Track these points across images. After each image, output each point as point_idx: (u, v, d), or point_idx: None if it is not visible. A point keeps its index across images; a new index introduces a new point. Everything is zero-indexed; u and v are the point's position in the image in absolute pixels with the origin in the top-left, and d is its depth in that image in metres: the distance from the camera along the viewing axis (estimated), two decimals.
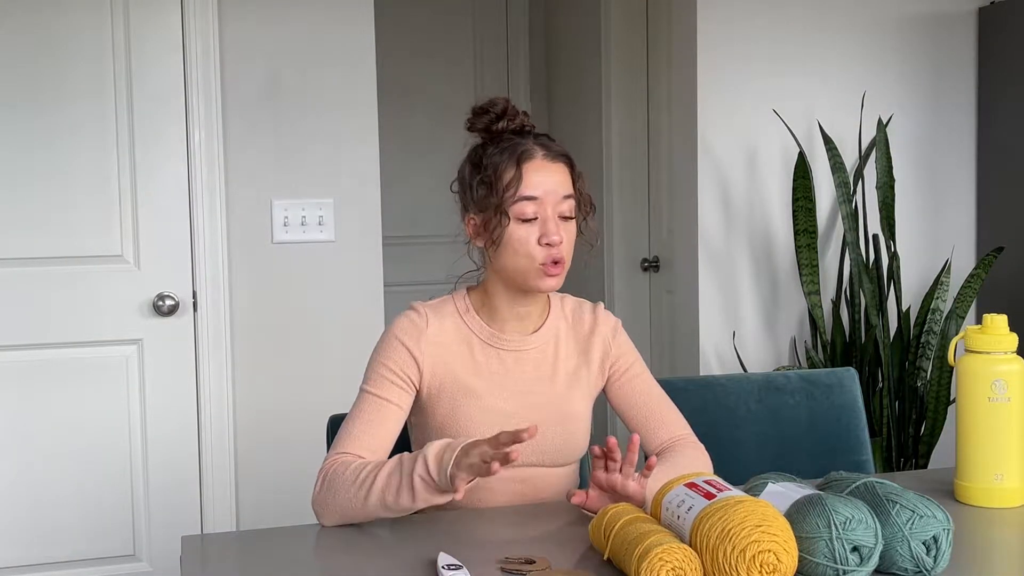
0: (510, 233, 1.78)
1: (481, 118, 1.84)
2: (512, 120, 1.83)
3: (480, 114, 1.84)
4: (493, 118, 1.83)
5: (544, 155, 1.80)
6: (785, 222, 3.56)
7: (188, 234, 3.17)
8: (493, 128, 1.83)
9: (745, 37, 3.53)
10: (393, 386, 1.80)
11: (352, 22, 3.28)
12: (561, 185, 1.80)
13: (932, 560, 1.43)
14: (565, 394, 1.87)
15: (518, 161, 1.78)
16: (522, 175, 1.77)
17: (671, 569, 1.35)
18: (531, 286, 1.80)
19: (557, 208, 1.79)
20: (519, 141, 1.81)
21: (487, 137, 1.84)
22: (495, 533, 1.69)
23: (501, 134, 1.82)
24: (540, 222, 1.78)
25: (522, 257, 1.78)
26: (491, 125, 1.83)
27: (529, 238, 1.77)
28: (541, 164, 1.79)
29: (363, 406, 1.80)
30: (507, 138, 1.81)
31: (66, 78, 3.07)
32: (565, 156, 1.83)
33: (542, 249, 1.77)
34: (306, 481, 3.24)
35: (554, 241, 1.77)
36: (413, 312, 1.86)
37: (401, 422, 1.81)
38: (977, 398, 1.77)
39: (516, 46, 5.14)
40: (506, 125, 1.82)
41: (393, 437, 1.80)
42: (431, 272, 4.09)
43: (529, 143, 1.81)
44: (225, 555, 1.69)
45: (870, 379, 3.39)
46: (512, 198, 1.77)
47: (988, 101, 3.70)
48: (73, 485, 3.13)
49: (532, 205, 1.77)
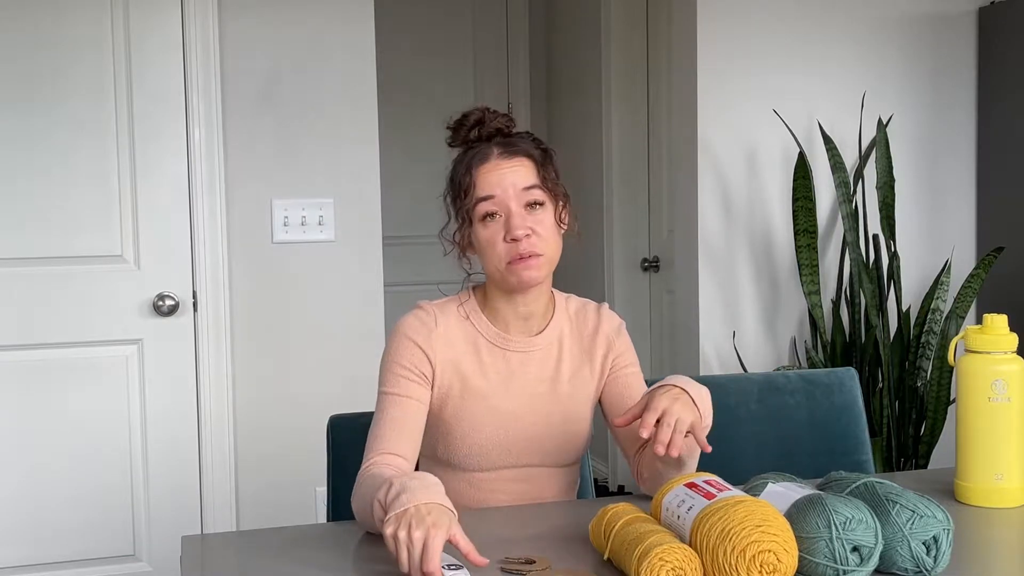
0: (477, 236, 1.79)
1: (458, 132, 1.84)
2: (487, 126, 1.82)
3: (457, 129, 1.84)
4: (468, 129, 1.83)
5: (500, 154, 1.79)
6: (785, 222, 3.56)
7: (188, 234, 3.17)
8: (468, 138, 1.83)
9: (745, 37, 3.53)
10: (410, 383, 1.80)
11: (352, 22, 3.28)
12: (521, 178, 1.78)
13: (932, 560, 1.42)
14: (568, 395, 1.87)
15: (470, 166, 1.78)
16: (475, 179, 1.77)
17: (671, 569, 1.35)
18: (511, 283, 1.80)
19: (520, 200, 1.77)
20: (479, 147, 1.80)
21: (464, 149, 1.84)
22: (495, 533, 1.69)
23: (473, 144, 1.82)
24: (504, 219, 1.77)
25: (492, 257, 1.78)
26: (467, 136, 1.83)
27: (494, 238, 1.77)
28: (495, 164, 1.78)
29: (385, 407, 1.79)
30: (473, 147, 1.82)
31: (66, 77, 3.07)
32: (526, 152, 1.81)
33: (509, 246, 1.76)
34: (306, 481, 3.26)
35: (518, 235, 1.75)
36: (420, 311, 1.85)
37: (424, 416, 1.81)
38: (977, 398, 1.77)
39: (516, 46, 5.14)
40: (479, 133, 1.82)
41: (420, 431, 1.80)
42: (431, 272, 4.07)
43: (489, 147, 1.80)
44: (225, 555, 1.69)
45: (870, 379, 3.39)
46: (470, 202, 1.78)
47: (988, 101, 3.70)
48: (73, 485, 3.13)
49: (490, 204, 1.77)
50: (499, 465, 1.83)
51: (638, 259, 4.48)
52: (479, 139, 1.82)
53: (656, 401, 1.64)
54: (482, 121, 1.82)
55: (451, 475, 1.83)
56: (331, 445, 2.06)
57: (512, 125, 1.85)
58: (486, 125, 1.82)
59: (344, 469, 2.00)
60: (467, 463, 1.82)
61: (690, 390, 1.68)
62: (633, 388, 1.91)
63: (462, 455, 1.82)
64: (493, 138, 1.82)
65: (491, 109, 1.85)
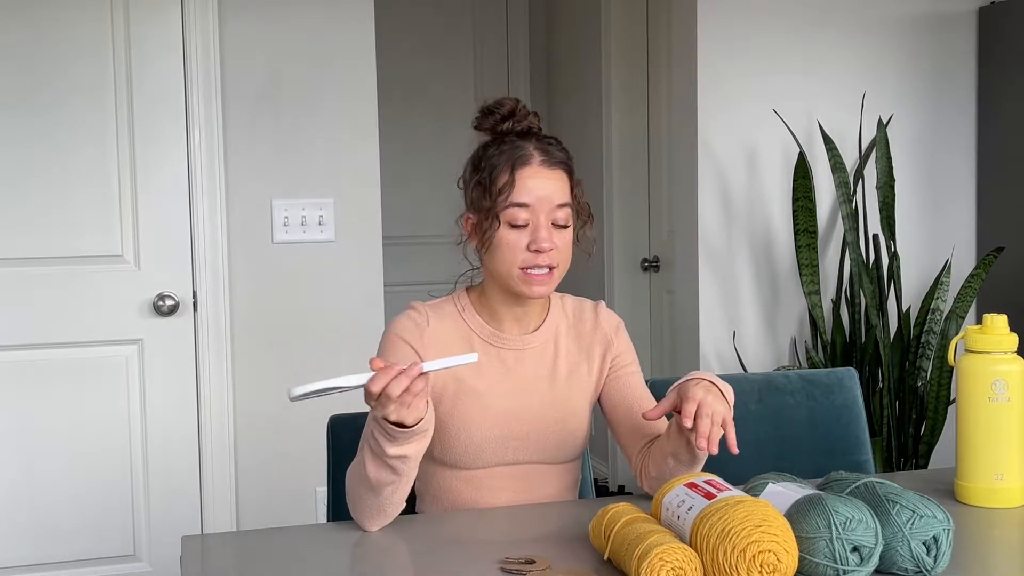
0: (500, 237, 1.77)
1: (488, 118, 1.82)
2: (519, 121, 1.81)
3: (487, 114, 1.82)
4: (499, 119, 1.81)
5: (542, 161, 1.78)
6: (785, 222, 3.56)
7: (188, 234, 3.17)
8: (499, 128, 1.81)
9: (745, 37, 3.53)
10: None
11: (352, 22, 3.28)
12: (557, 193, 1.78)
13: (932, 560, 1.42)
14: (566, 392, 1.87)
15: (513, 166, 1.77)
16: (515, 181, 1.76)
17: (671, 569, 1.35)
18: (519, 291, 1.80)
19: (551, 216, 1.77)
20: (519, 145, 1.79)
21: (492, 137, 1.83)
22: (495, 533, 1.69)
23: (505, 135, 1.81)
24: (531, 229, 1.76)
25: (509, 263, 1.77)
26: (497, 125, 1.82)
27: (518, 243, 1.76)
28: (536, 171, 1.77)
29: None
30: (508, 140, 1.80)
31: (66, 78, 3.07)
32: (564, 164, 1.81)
33: (530, 255, 1.76)
34: (306, 481, 3.26)
35: (543, 248, 1.75)
36: (413, 311, 1.85)
37: None
38: (977, 398, 1.77)
39: (516, 46, 5.14)
40: (511, 126, 1.81)
41: None
42: (431, 272, 4.09)
43: (529, 148, 1.79)
44: (225, 555, 1.69)
45: (870, 379, 3.39)
46: (504, 203, 1.76)
47: (988, 101, 3.70)
48: (73, 485, 3.13)
49: (524, 212, 1.76)
50: (496, 462, 1.83)
51: (638, 259, 4.48)
52: (509, 132, 1.81)
53: (692, 392, 1.64)
54: (514, 113, 1.81)
55: (449, 473, 1.83)
56: (331, 445, 2.07)
57: (540, 125, 1.84)
58: (517, 119, 1.81)
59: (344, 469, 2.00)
60: (463, 461, 1.82)
61: (719, 384, 1.69)
62: (634, 388, 1.91)
63: (458, 453, 1.82)
64: (525, 136, 1.81)
65: (521, 103, 1.84)
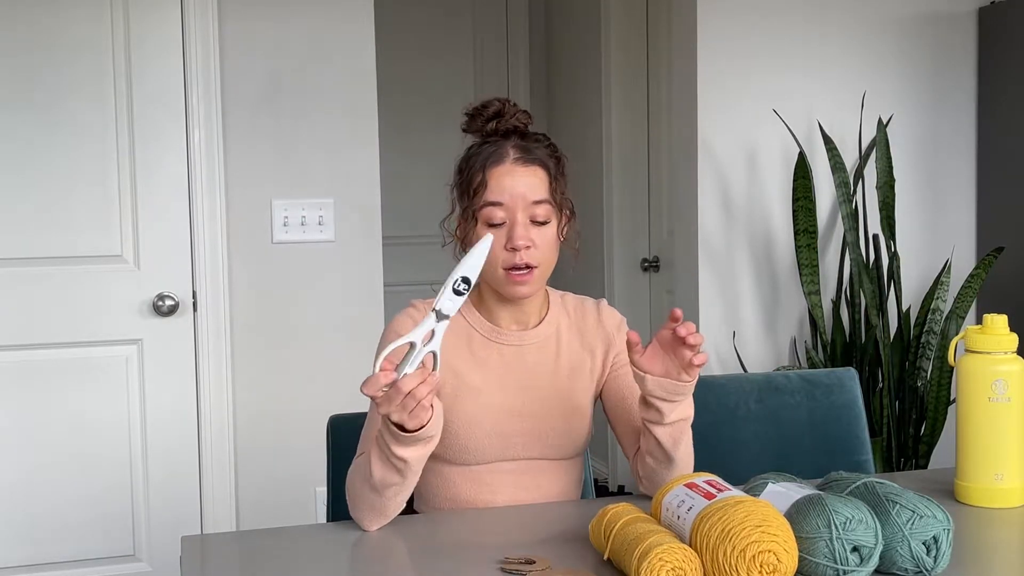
0: (478, 237, 1.75)
1: (475, 120, 1.82)
2: (506, 121, 1.80)
3: (474, 116, 1.82)
4: (485, 120, 1.81)
5: (516, 159, 1.77)
6: (785, 222, 3.56)
7: (188, 234, 3.17)
8: (485, 129, 1.81)
9: (745, 37, 3.53)
10: None
11: (352, 22, 3.28)
12: (532, 189, 1.77)
13: (932, 560, 1.42)
14: (567, 387, 1.87)
15: (484, 166, 1.77)
16: (487, 180, 1.76)
17: (671, 569, 1.35)
18: (505, 293, 1.80)
19: (527, 213, 1.76)
20: (496, 144, 1.79)
21: (479, 139, 1.83)
22: (495, 533, 1.69)
23: (489, 136, 1.81)
24: (508, 227, 1.76)
25: (491, 263, 1.76)
26: (484, 127, 1.81)
27: (497, 243, 1.75)
28: (510, 168, 1.77)
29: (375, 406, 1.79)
30: (490, 141, 1.80)
31: (65, 78, 3.07)
32: (542, 161, 1.80)
33: (509, 254, 1.76)
34: (306, 481, 3.26)
35: (518, 245, 1.74)
36: (412, 309, 1.85)
37: None
38: (977, 398, 1.77)
39: (516, 46, 5.14)
40: (496, 127, 1.80)
41: None
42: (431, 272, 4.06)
43: (506, 146, 1.78)
44: (225, 555, 1.69)
45: (870, 379, 3.39)
46: (479, 202, 1.76)
47: (988, 101, 3.70)
48: (73, 485, 3.13)
49: (499, 211, 1.76)
50: (497, 458, 1.83)
51: (638, 259, 4.48)
52: (495, 132, 1.80)
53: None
54: (501, 114, 1.81)
55: (450, 470, 1.83)
56: (331, 445, 2.06)
57: (530, 122, 1.83)
58: (504, 119, 1.80)
59: (344, 469, 2.00)
60: (464, 457, 1.82)
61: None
62: (634, 386, 1.91)
63: (458, 449, 1.82)
64: (510, 135, 1.80)
65: (511, 102, 1.83)
